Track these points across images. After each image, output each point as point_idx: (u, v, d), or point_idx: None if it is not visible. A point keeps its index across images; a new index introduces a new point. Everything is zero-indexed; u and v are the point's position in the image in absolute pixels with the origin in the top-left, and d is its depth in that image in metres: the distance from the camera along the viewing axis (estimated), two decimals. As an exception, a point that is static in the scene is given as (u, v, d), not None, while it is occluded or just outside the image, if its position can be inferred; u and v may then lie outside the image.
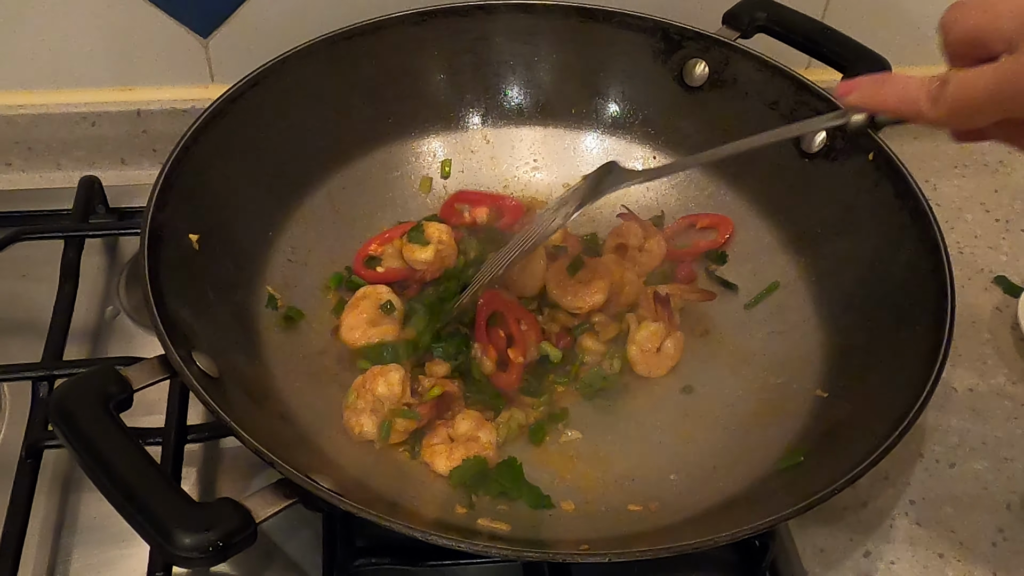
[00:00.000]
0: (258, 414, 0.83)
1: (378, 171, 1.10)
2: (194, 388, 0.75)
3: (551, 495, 0.87)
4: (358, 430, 0.89)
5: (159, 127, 1.20)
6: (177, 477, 0.87)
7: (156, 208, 0.87)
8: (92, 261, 1.08)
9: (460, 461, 0.87)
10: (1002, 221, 1.25)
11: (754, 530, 0.73)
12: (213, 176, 0.95)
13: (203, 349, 0.81)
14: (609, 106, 1.14)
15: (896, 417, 0.79)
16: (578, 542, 0.78)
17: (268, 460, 0.71)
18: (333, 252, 1.05)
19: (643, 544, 0.76)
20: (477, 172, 1.14)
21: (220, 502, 0.67)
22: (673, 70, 1.11)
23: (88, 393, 0.71)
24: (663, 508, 0.86)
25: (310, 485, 0.70)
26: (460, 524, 0.82)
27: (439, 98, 1.13)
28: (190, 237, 0.90)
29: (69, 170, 1.22)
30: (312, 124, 1.05)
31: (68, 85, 1.19)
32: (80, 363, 0.96)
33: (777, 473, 0.85)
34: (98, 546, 0.87)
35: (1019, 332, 1.09)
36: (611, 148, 1.15)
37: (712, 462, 0.91)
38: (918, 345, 0.86)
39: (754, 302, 1.04)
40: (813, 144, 1.04)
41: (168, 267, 0.84)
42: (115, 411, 0.71)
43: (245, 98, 0.99)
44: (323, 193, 1.06)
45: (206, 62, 1.19)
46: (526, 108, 1.15)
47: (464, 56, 1.12)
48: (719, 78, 1.10)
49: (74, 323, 0.99)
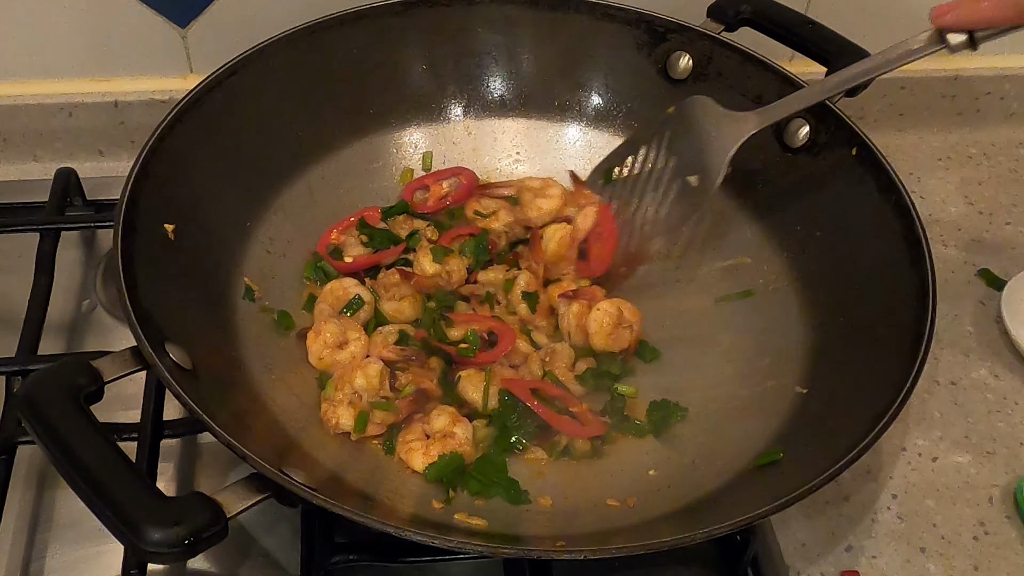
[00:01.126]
0: (232, 407, 0.83)
1: (359, 162, 1.09)
2: (165, 379, 0.74)
3: (528, 491, 0.86)
4: (335, 421, 0.88)
5: (137, 118, 1.19)
6: (153, 473, 0.86)
7: (130, 198, 0.85)
8: (69, 254, 1.07)
9: (436, 457, 0.86)
10: (986, 214, 1.25)
11: (732, 527, 0.73)
12: (189, 166, 0.94)
13: (177, 340, 0.80)
14: (592, 98, 1.14)
15: (876, 413, 0.78)
16: (556, 538, 0.78)
17: (240, 453, 0.70)
18: (312, 243, 1.04)
19: (620, 540, 0.75)
20: (459, 163, 1.13)
21: (190, 496, 0.66)
22: (657, 63, 1.10)
23: (57, 385, 0.70)
24: (642, 503, 0.85)
25: (282, 479, 0.69)
26: (437, 520, 0.81)
27: (420, 89, 1.12)
28: (165, 227, 0.89)
29: (46, 162, 1.21)
30: (291, 114, 1.04)
31: (44, 76, 1.17)
32: (55, 357, 0.94)
33: (757, 469, 0.85)
34: (73, 543, 0.87)
35: (1002, 325, 1.09)
36: (594, 140, 1.14)
37: (691, 458, 0.90)
38: (900, 340, 0.86)
39: (726, 299, 1.04)
40: (796, 138, 1.04)
41: (142, 258, 0.83)
42: (85, 403, 0.70)
43: (223, 87, 0.98)
44: (303, 184, 1.05)
45: (184, 53, 1.17)
46: (508, 100, 1.14)
47: (446, 47, 1.11)
48: (703, 71, 1.09)
49: (50, 317, 0.98)
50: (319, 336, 0.93)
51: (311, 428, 0.89)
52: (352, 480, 0.83)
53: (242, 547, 0.87)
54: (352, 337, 0.94)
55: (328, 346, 0.93)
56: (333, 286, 0.98)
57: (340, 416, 0.88)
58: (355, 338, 0.94)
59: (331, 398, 0.90)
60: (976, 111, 1.35)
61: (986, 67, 1.32)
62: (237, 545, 0.87)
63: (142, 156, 0.89)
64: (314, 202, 1.05)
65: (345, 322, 0.95)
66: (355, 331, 0.95)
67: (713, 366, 0.99)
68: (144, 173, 0.88)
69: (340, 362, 0.93)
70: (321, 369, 0.94)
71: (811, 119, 1.02)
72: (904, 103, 1.32)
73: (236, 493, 0.68)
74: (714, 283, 1.05)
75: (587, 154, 1.13)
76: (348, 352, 0.93)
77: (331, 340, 0.93)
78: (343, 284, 0.99)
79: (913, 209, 0.93)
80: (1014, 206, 1.26)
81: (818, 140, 1.03)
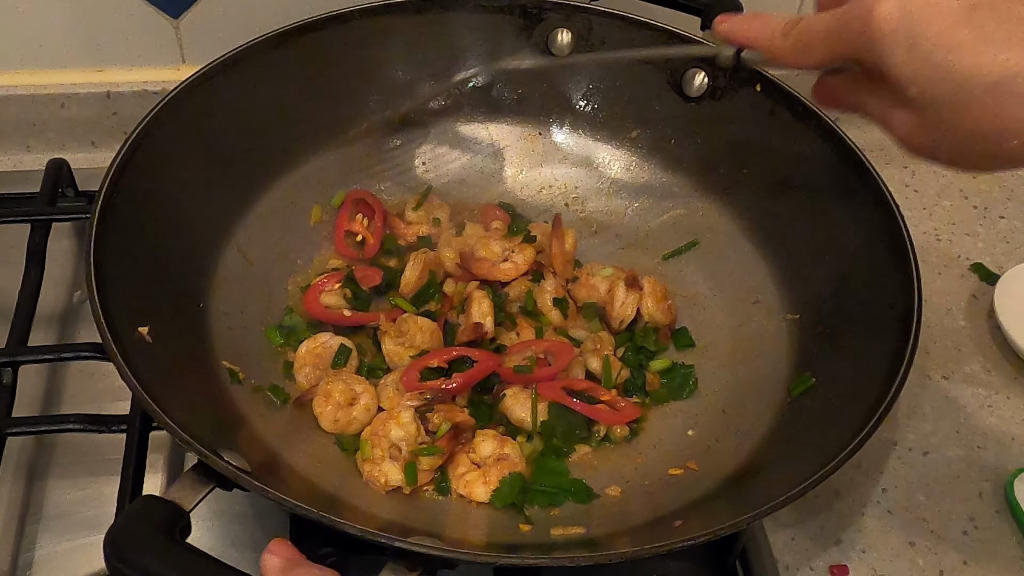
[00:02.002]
0: (275, 484, 0.76)
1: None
2: (113, 357, 0.73)
3: (592, 487, 0.87)
4: (383, 480, 0.84)
5: (130, 109, 1.18)
6: (142, 464, 0.85)
7: (109, 190, 0.85)
8: (60, 245, 1.07)
9: (497, 483, 0.85)
10: (980, 208, 1.24)
11: (715, 534, 0.71)
12: (172, 161, 0.93)
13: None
14: (483, 90, 1.12)
15: (867, 410, 0.79)
16: (644, 525, 0.80)
17: (178, 437, 0.70)
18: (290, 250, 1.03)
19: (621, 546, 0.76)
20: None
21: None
22: (539, 44, 1.09)
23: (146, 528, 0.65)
24: (704, 465, 0.87)
25: (219, 464, 0.68)
26: (539, 542, 0.81)
27: (407, 89, 1.10)
28: (142, 224, 0.88)
29: (39, 152, 1.21)
30: (291, 108, 1.04)
31: (37, 66, 1.17)
32: (46, 348, 0.94)
33: (796, 401, 0.87)
34: (63, 534, 0.87)
35: (995, 320, 1.08)
36: (496, 133, 1.13)
37: (720, 407, 0.93)
38: (884, 311, 0.87)
39: (674, 255, 1.06)
40: (693, 87, 1.05)
41: (114, 250, 0.82)
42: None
43: (213, 81, 0.97)
44: (292, 181, 1.04)
45: (177, 43, 1.17)
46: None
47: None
48: (587, 43, 1.09)
49: (41, 308, 0.98)
50: (329, 399, 0.88)
51: (350, 488, 0.85)
52: (415, 526, 0.81)
53: (231, 537, 0.87)
54: (359, 390, 0.90)
55: (341, 407, 0.89)
56: (309, 345, 0.93)
57: (387, 473, 0.84)
58: (362, 390, 0.90)
59: (371, 458, 0.85)
60: (972, 104, 1.34)
61: (982, 60, 1.31)
62: (227, 534, 0.87)
63: (127, 145, 0.89)
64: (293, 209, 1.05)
65: (345, 377, 0.91)
66: (358, 383, 0.90)
67: (699, 318, 1.01)
68: (124, 165, 0.88)
69: (357, 419, 0.88)
70: (337, 432, 0.89)
71: (705, 66, 1.04)
72: (899, 96, 1.31)
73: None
74: (656, 241, 1.07)
75: (499, 150, 1.14)
76: (361, 406, 0.89)
77: (343, 400, 0.89)
78: (318, 340, 0.93)
79: (837, 129, 0.96)
80: (1009, 200, 1.26)
81: (717, 85, 1.04)
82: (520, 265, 1.00)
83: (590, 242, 1.08)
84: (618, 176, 1.11)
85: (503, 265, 1.00)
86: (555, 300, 0.99)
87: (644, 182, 1.10)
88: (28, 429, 0.88)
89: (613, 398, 0.92)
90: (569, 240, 1.03)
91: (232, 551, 0.86)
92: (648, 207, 1.09)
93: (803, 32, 0.72)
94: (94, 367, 0.95)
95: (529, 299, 0.99)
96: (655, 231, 1.08)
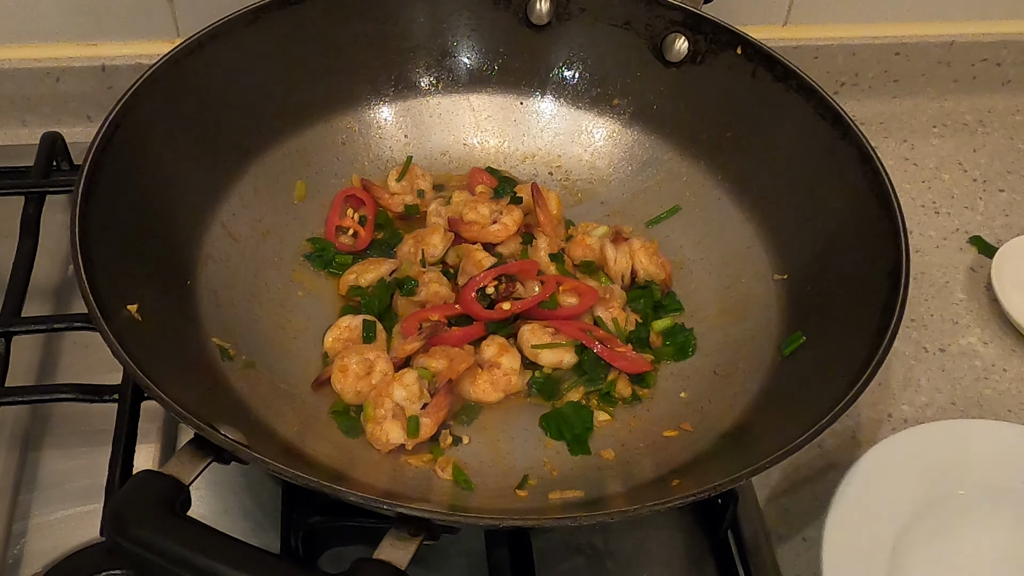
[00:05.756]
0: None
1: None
2: (104, 334, 0.73)
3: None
4: (385, 438, 0.85)
5: (124, 83, 1.14)
6: (133, 434, 0.85)
7: (91, 169, 0.85)
8: (55, 218, 1.06)
9: (503, 380, 0.89)
10: (979, 181, 1.24)
11: (713, 490, 0.71)
12: (154, 138, 0.92)
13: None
14: (463, 61, 1.11)
15: (858, 365, 0.79)
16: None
17: (171, 408, 0.69)
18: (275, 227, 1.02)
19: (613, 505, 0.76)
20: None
21: None
22: (517, 13, 1.09)
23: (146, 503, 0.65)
24: (697, 426, 0.88)
25: (217, 437, 0.68)
26: (533, 506, 0.81)
27: (389, 62, 1.09)
28: (126, 203, 0.87)
29: (35, 127, 1.20)
30: (272, 84, 1.02)
31: (31, 40, 1.16)
32: (39, 319, 0.94)
33: (788, 360, 0.88)
34: (57, 503, 0.87)
35: (992, 293, 1.08)
36: (477, 104, 1.12)
37: (711, 368, 0.94)
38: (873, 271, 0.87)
39: (657, 220, 1.06)
40: (674, 52, 1.05)
41: (99, 228, 0.82)
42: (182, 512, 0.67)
43: (193, 57, 0.96)
44: (276, 157, 1.03)
45: (171, 16, 1.16)
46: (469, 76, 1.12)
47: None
48: (564, 11, 1.08)
49: (35, 280, 0.98)
50: (347, 373, 0.88)
51: (357, 466, 0.85)
52: (413, 496, 0.82)
53: (224, 506, 0.87)
54: (373, 357, 0.89)
55: (360, 377, 0.88)
56: (334, 333, 0.93)
57: (389, 432, 0.85)
58: (375, 357, 0.90)
59: (374, 418, 0.86)
60: (972, 78, 1.33)
61: (983, 33, 1.30)
62: (221, 503, 0.87)
63: (112, 115, 0.89)
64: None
65: (357, 348, 0.91)
66: (370, 351, 0.90)
67: (687, 282, 1.01)
68: (108, 138, 0.87)
69: (376, 386, 0.88)
70: (361, 403, 0.88)
71: (685, 31, 1.04)
72: (898, 69, 1.30)
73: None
74: (639, 209, 1.07)
75: (481, 121, 1.13)
76: (378, 372, 0.89)
77: (360, 370, 0.88)
78: (341, 325, 0.93)
79: (819, 88, 0.96)
80: (1009, 173, 1.25)
81: (698, 49, 1.04)
82: (509, 226, 0.99)
83: (575, 211, 1.07)
84: (601, 144, 1.10)
85: (492, 227, 1.00)
86: (551, 256, 0.99)
87: (627, 149, 1.09)
88: (20, 399, 0.88)
89: (628, 350, 0.93)
90: (553, 203, 1.03)
91: (224, 520, 0.86)
92: (632, 174, 1.09)
93: None
94: (88, 338, 0.95)
95: (524, 256, 0.99)
96: (639, 197, 1.07)
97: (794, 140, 0.98)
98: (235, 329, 0.91)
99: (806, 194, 0.97)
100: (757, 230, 1.00)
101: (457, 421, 0.89)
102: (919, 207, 1.20)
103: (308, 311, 0.97)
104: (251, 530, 0.86)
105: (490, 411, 0.91)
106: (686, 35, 1.04)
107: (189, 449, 0.69)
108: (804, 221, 0.96)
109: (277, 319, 0.95)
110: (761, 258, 0.98)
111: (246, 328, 0.93)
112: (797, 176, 0.98)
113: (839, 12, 1.25)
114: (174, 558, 0.62)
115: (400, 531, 0.66)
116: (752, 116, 1.01)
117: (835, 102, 0.96)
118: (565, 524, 0.68)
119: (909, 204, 1.19)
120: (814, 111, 0.96)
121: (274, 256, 1.00)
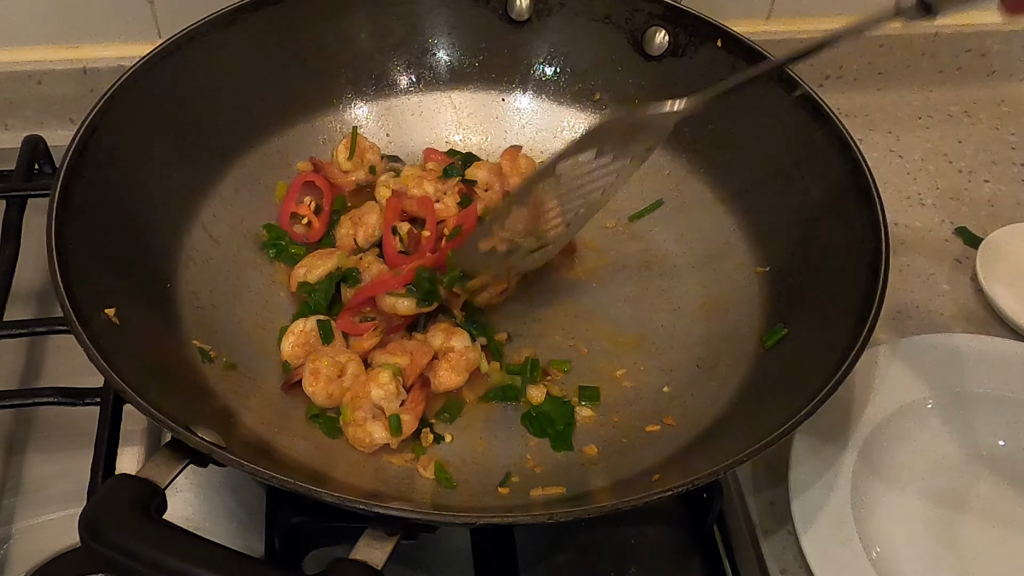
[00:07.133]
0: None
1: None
2: (80, 339, 0.73)
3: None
4: (368, 440, 0.85)
5: (106, 85, 1.15)
6: (115, 437, 0.85)
7: (68, 173, 0.85)
8: (37, 222, 1.05)
9: (461, 362, 0.90)
10: (965, 172, 1.23)
11: (692, 484, 0.71)
12: (131, 141, 0.92)
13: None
14: (443, 59, 1.11)
15: (840, 354, 0.78)
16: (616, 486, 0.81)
17: (146, 412, 0.69)
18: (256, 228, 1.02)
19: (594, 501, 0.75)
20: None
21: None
22: (496, 9, 1.09)
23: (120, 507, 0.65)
24: (680, 420, 0.88)
25: (193, 440, 0.68)
26: (515, 503, 0.81)
27: (369, 61, 1.09)
28: (104, 206, 0.87)
29: (17, 130, 1.20)
30: (251, 84, 1.02)
31: (12, 43, 1.16)
32: (21, 323, 0.94)
33: (770, 352, 0.88)
34: (41, 507, 0.87)
35: (978, 284, 1.08)
36: (459, 101, 1.12)
37: (693, 362, 0.93)
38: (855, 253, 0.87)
39: (639, 215, 1.06)
40: (654, 46, 1.06)
41: (76, 232, 0.82)
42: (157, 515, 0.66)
43: (170, 60, 0.96)
44: (257, 158, 1.03)
45: (152, 18, 1.16)
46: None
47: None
48: (544, 7, 1.08)
49: (17, 284, 0.98)
50: (318, 376, 0.87)
51: (338, 466, 0.84)
52: (393, 495, 0.81)
53: (211, 506, 0.87)
54: (344, 360, 0.89)
55: (332, 380, 0.88)
56: (290, 338, 0.91)
57: (372, 432, 0.85)
58: (347, 359, 0.89)
59: (353, 420, 0.85)
60: (957, 69, 1.33)
61: (967, 24, 1.30)
62: (208, 503, 0.87)
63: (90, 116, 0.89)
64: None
65: (328, 351, 0.90)
66: (341, 353, 0.90)
67: (668, 276, 1.02)
68: (88, 136, 0.87)
69: (351, 388, 0.88)
70: (333, 406, 0.88)
71: (666, 24, 1.04)
72: (883, 61, 1.30)
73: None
74: (621, 203, 1.06)
75: (462, 119, 1.13)
76: (350, 375, 0.88)
77: (332, 373, 0.88)
78: (295, 329, 0.92)
79: (800, 81, 0.96)
80: (994, 164, 1.25)
81: (679, 42, 1.05)
82: (450, 207, 1.00)
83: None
84: None
85: (436, 205, 1.01)
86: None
87: None
88: (2, 403, 0.88)
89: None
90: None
91: (207, 522, 0.86)
92: None
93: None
94: (71, 341, 0.93)
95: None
96: (622, 191, 1.06)
97: (774, 132, 0.99)
98: (216, 331, 0.91)
99: (787, 186, 0.97)
100: (739, 223, 1.00)
101: (439, 419, 0.89)
102: (904, 199, 1.20)
103: (291, 311, 0.96)
104: (236, 531, 0.86)
105: (472, 409, 0.91)
106: (667, 29, 1.05)
107: (166, 452, 0.69)
108: (785, 213, 0.96)
109: (259, 319, 0.95)
110: (743, 251, 0.99)
111: (227, 330, 0.92)
112: (778, 168, 0.98)
113: (822, 5, 1.25)
114: (148, 561, 0.61)
115: (376, 531, 0.66)
116: (733, 109, 1.00)
117: (815, 93, 0.96)
118: (542, 521, 0.67)
119: (894, 196, 1.19)
120: (795, 103, 0.97)
121: (256, 257, 0.99)
